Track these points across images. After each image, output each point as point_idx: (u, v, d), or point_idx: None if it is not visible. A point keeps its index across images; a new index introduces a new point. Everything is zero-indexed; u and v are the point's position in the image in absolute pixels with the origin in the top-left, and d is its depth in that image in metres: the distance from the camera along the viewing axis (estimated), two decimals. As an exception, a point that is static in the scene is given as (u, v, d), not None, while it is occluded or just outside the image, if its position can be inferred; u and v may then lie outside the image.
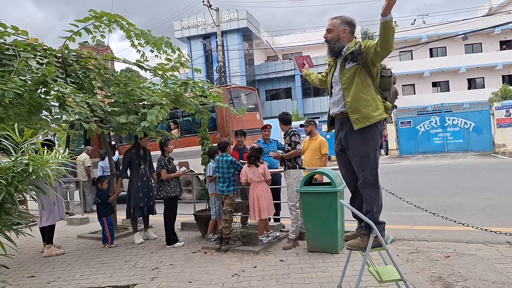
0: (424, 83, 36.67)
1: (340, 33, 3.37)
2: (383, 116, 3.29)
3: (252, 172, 5.58)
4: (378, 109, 3.27)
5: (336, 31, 3.38)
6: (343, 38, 3.38)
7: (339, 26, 3.37)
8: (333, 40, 3.41)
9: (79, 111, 4.97)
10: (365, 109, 3.26)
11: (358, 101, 3.28)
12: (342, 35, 3.38)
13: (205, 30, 35.84)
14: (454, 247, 5.07)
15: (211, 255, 5.49)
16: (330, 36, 3.41)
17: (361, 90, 3.29)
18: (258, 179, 5.56)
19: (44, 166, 2.91)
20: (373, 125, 3.28)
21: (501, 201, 7.87)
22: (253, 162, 5.56)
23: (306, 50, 39.56)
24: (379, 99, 3.32)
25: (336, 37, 3.39)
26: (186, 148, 10.36)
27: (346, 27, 3.37)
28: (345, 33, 3.37)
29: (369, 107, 3.26)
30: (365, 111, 3.25)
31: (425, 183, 11.46)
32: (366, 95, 3.28)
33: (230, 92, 10.57)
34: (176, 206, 6.36)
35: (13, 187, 2.86)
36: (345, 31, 3.37)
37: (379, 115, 3.27)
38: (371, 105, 3.26)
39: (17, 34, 5.29)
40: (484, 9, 38.78)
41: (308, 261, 4.86)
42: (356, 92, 3.29)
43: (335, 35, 3.39)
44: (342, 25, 3.37)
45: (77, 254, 6.13)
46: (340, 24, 3.37)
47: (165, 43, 6.25)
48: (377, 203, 3.34)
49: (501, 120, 18.44)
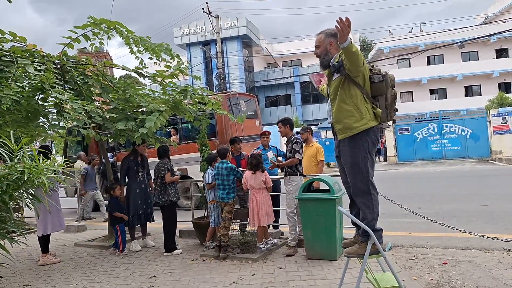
0: (422, 90, 36.82)
1: (327, 46, 3.50)
2: (368, 125, 3.30)
3: (254, 179, 5.56)
4: (362, 119, 3.29)
5: (323, 45, 3.51)
6: (330, 50, 3.49)
7: (325, 40, 3.50)
8: (322, 54, 3.53)
9: (77, 118, 4.96)
10: (347, 120, 3.32)
11: (340, 112, 3.37)
12: (329, 48, 3.49)
13: (204, 37, 35.98)
14: (451, 254, 5.06)
15: (209, 262, 5.46)
16: (319, 51, 3.55)
17: (343, 101, 3.35)
18: (258, 186, 5.54)
19: (40, 174, 2.90)
20: (363, 133, 3.31)
21: (498, 207, 7.87)
22: (258, 168, 5.56)
23: (305, 57, 39.83)
24: (367, 108, 3.32)
25: (324, 51, 3.52)
26: (185, 155, 10.35)
27: (331, 39, 3.47)
28: (331, 45, 3.48)
29: (351, 118, 3.31)
30: (347, 122, 3.33)
31: (423, 189, 11.47)
32: (348, 106, 3.32)
33: (229, 99, 10.59)
34: (175, 212, 6.36)
35: (8, 195, 2.85)
36: (331, 43, 3.48)
37: (363, 125, 3.29)
38: (354, 116, 3.30)
39: (15, 40, 5.29)
40: (480, 18, 39.08)
41: (306, 268, 4.84)
42: (338, 103, 3.39)
43: (323, 49, 3.52)
44: (328, 38, 3.49)
45: (74, 263, 6.08)
46: (325, 38, 3.50)
47: (164, 49, 6.25)
48: (371, 210, 3.33)
49: (497, 127, 18.54)
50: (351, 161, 3.37)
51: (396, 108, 3.50)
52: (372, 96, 3.38)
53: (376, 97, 3.38)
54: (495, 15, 36.55)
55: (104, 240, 7.15)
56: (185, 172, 10.42)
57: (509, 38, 32.84)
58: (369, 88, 3.36)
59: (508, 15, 31.02)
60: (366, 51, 49.10)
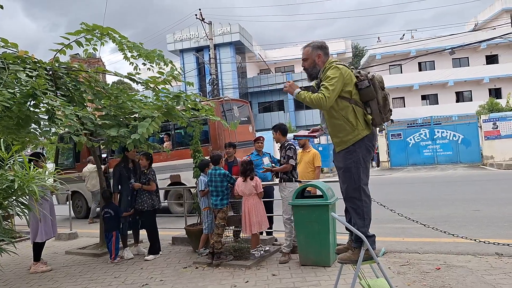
0: (414, 96, 37.11)
1: (315, 58, 3.56)
2: (360, 135, 3.34)
3: (244, 185, 5.54)
4: (354, 130, 3.33)
5: (311, 58, 3.57)
6: (318, 63, 3.55)
7: (313, 53, 3.56)
8: (310, 67, 3.60)
9: (69, 124, 4.92)
10: (340, 134, 3.40)
11: (332, 127, 3.46)
12: (317, 61, 3.55)
13: (198, 43, 35.97)
14: (444, 259, 5.07)
15: (202, 270, 5.42)
16: (307, 64, 3.62)
17: (333, 116, 3.41)
18: (249, 192, 5.52)
19: (30, 183, 2.87)
20: (358, 142, 3.34)
21: (490, 212, 7.93)
22: (249, 175, 5.54)
23: (298, 63, 39.90)
24: (357, 118, 3.34)
25: (312, 63, 3.58)
26: (178, 161, 10.31)
27: (319, 52, 3.54)
28: (319, 57, 3.54)
29: (343, 131, 3.37)
30: (340, 136, 3.41)
31: (415, 195, 11.51)
32: (339, 120, 3.38)
33: (222, 104, 10.58)
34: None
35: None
36: (319, 55, 3.54)
37: (355, 136, 3.34)
38: (345, 129, 3.36)
39: (7, 47, 5.26)
40: (470, 24, 39.58)
41: (300, 275, 4.83)
42: (329, 119, 3.47)
43: (311, 62, 3.58)
44: (315, 51, 3.55)
45: (65, 271, 6.01)
46: (312, 50, 3.56)
47: (157, 55, 6.24)
48: (361, 217, 3.34)
49: (488, 132, 18.70)
50: (344, 167, 3.40)
51: (390, 109, 3.50)
52: (364, 102, 3.39)
53: (368, 102, 3.38)
54: (485, 22, 37.08)
55: (96, 248, 7.08)
56: (178, 178, 10.38)
57: (499, 44, 33.24)
58: (357, 96, 3.37)
59: (497, 22, 31.48)
60: (358, 57, 49.45)
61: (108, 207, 6.39)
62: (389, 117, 3.51)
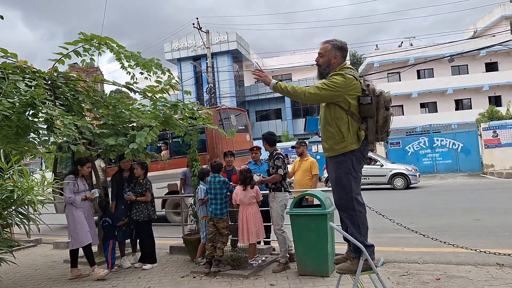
0: (412, 104, 37.13)
1: (332, 58, 3.42)
2: (347, 149, 3.29)
3: (244, 194, 5.51)
4: (342, 142, 3.29)
5: (328, 56, 3.43)
6: (334, 64, 3.42)
7: (331, 52, 3.41)
8: (324, 65, 3.46)
9: (67, 133, 4.92)
10: (329, 141, 3.38)
11: (325, 133, 3.43)
12: (333, 61, 3.42)
13: (195, 52, 36.11)
14: (444, 269, 5.04)
15: (200, 279, 5.38)
16: (322, 60, 3.46)
17: (328, 123, 3.39)
18: (248, 201, 5.49)
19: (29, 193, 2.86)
20: (347, 153, 3.31)
21: (490, 221, 7.90)
22: (249, 183, 5.50)
23: (295, 71, 40.16)
24: (350, 131, 3.28)
25: (327, 62, 3.44)
26: (175, 170, 10.28)
27: (337, 53, 3.41)
28: (336, 58, 3.42)
29: (332, 140, 3.35)
30: (329, 143, 3.39)
31: (415, 204, 11.48)
32: (331, 128, 3.35)
33: (220, 113, 10.59)
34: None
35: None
36: (336, 56, 3.41)
37: (343, 148, 3.30)
38: (334, 138, 3.33)
39: (6, 57, 5.29)
40: (469, 32, 39.76)
41: (298, 285, 4.79)
42: (323, 124, 3.45)
43: (326, 59, 3.44)
44: (334, 51, 3.41)
45: (63, 280, 5.96)
46: (331, 49, 3.41)
47: (155, 64, 6.27)
48: (358, 226, 3.32)
49: (488, 141, 18.72)
50: (335, 176, 3.38)
51: (388, 131, 3.43)
52: (362, 117, 3.32)
53: (366, 118, 3.31)
54: (484, 29, 37.20)
55: (94, 257, 7.01)
56: (175, 187, 10.34)
57: (498, 51, 33.32)
58: (356, 109, 3.31)
59: (497, 29, 31.62)
60: (356, 65, 49.64)
61: (106, 216, 6.37)
62: (385, 138, 3.45)
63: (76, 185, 5.97)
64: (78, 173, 6.12)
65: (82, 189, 6.08)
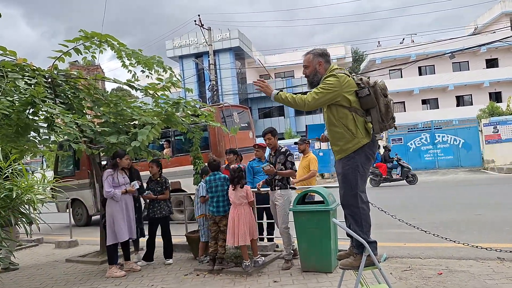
0: (414, 100, 37.12)
1: (316, 66, 3.55)
2: (360, 144, 3.32)
3: (234, 194, 5.40)
4: (354, 139, 3.32)
5: (312, 65, 3.57)
6: (320, 70, 3.54)
7: (314, 60, 3.56)
8: (311, 74, 3.59)
9: (68, 132, 4.91)
10: (340, 142, 3.39)
11: (333, 135, 3.45)
12: (319, 68, 3.55)
13: (197, 49, 36.06)
14: (446, 264, 5.04)
15: (204, 277, 5.38)
16: (308, 71, 3.61)
17: (333, 124, 3.41)
18: (239, 202, 5.35)
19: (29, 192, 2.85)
20: (358, 149, 3.33)
21: (492, 217, 7.88)
22: (237, 183, 5.42)
23: (298, 68, 40.07)
24: (358, 126, 3.32)
25: (314, 71, 3.58)
26: (178, 168, 10.28)
27: (320, 59, 3.54)
28: (321, 65, 3.54)
29: (343, 140, 3.36)
30: (340, 144, 3.39)
31: (417, 199, 11.47)
32: (338, 128, 3.37)
33: (222, 111, 10.58)
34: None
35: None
36: (320, 63, 3.54)
37: (355, 145, 3.32)
38: (345, 137, 3.34)
39: (5, 55, 5.27)
40: (470, 28, 39.67)
41: (302, 281, 4.79)
42: (329, 127, 3.46)
43: (312, 69, 3.58)
44: (316, 58, 3.55)
45: (65, 279, 5.97)
46: (313, 58, 3.57)
47: (156, 62, 6.24)
48: (360, 223, 3.32)
49: (489, 136, 18.71)
50: (342, 172, 3.39)
51: (393, 117, 3.46)
52: (365, 110, 3.36)
53: (369, 110, 3.35)
54: (484, 26, 37.13)
55: (96, 256, 7.03)
56: (178, 185, 10.34)
57: (498, 48, 33.30)
58: (357, 103, 3.35)
59: (497, 26, 31.52)
60: (358, 62, 49.55)
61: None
62: (392, 125, 3.48)
63: (116, 178, 5.87)
64: (117, 165, 5.97)
65: (122, 183, 5.96)
